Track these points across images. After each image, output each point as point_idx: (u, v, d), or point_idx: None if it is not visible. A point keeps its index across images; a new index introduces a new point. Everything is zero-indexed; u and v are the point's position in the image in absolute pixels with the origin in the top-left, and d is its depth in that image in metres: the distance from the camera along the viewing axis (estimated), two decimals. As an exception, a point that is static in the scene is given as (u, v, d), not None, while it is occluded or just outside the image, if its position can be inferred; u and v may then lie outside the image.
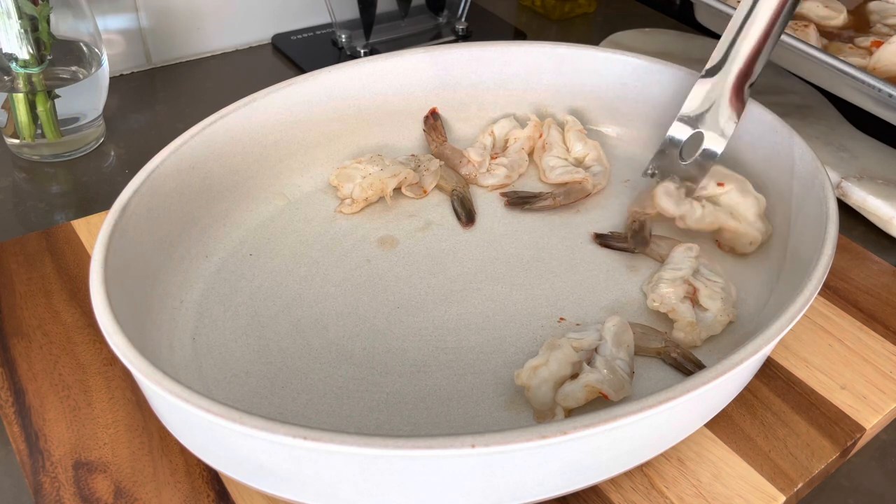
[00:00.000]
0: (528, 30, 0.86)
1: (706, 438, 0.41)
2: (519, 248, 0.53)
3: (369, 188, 0.54)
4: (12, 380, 0.43)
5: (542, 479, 0.34)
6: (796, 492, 0.39)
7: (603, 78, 0.61)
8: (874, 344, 0.47)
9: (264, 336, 0.46)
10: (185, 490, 0.38)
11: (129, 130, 0.67)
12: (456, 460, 0.32)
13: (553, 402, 0.41)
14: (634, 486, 0.39)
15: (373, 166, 0.55)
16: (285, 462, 0.33)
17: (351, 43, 0.78)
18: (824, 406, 0.43)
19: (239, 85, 0.74)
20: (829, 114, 0.67)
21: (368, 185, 0.54)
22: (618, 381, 0.41)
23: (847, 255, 0.54)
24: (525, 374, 0.42)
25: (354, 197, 0.55)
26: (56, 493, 0.38)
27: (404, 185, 0.56)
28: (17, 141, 0.62)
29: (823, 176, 0.47)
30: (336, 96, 0.57)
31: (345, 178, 0.55)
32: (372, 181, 0.54)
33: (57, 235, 0.53)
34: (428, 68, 0.60)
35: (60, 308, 0.48)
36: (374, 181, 0.54)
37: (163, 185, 0.47)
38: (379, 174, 0.55)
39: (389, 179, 0.55)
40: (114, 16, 0.71)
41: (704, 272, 0.49)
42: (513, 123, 0.61)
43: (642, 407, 0.33)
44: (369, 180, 0.54)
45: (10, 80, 0.59)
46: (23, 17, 0.56)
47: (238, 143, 0.53)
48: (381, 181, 0.54)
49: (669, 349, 0.45)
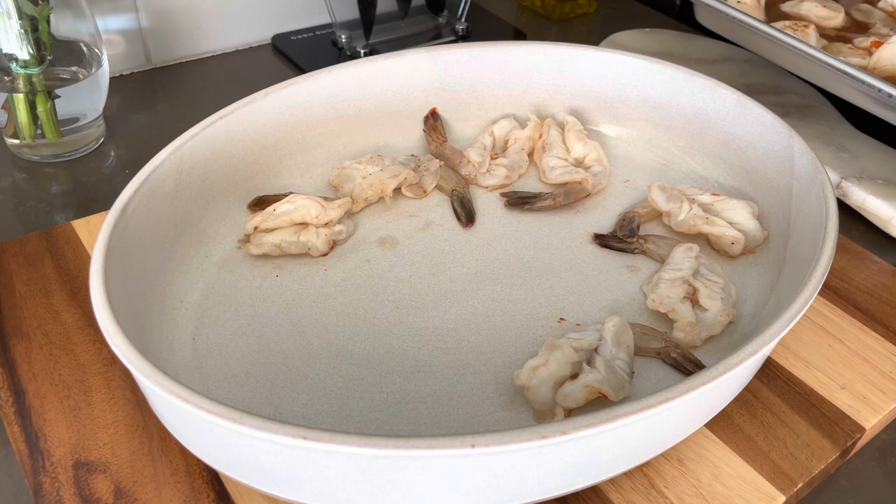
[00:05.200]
0: (528, 30, 0.86)
1: (706, 438, 0.41)
2: (519, 248, 0.53)
3: (369, 188, 0.54)
4: (12, 380, 0.43)
5: (542, 479, 0.34)
6: (796, 492, 0.39)
7: (603, 78, 0.61)
8: (874, 344, 0.47)
9: (264, 336, 0.46)
10: (185, 490, 0.38)
11: (129, 130, 0.67)
12: (456, 460, 0.32)
13: (553, 403, 0.41)
14: (634, 486, 0.39)
15: (373, 166, 0.55)
16: (285, 462, 0.33)
17: (351, 43, 0.78)
18: (824, 406, 0.43)
19: (239, 85, 0.74)
20: (829, 114, 0.67)
21: (368, 186, 0.54)
22: (617, 381, 0.41)
23: (847, 255, 0.54)
24: (525, 375, 0.42)
25: (354, 196, 0.55)
26: (56, 494, 0.38)
27: (404, 185, 0.56)
28: (18, 141, 0.62)
29: (823, 176, 0.47)
30: (336, 96, 0.57)
31: (345, 178, 0.55)
32: (372, 181, 0.54)
33: (57, 235, 0.53)
34: (428, 68, 0.60)
35: (60, 308, 0.48)
36: (374, 181, 0.54)
37: (163, 185, 0.47)
38: (379, 174, 0.55)
39: (389, 180, 0.55)
40: (114, 16, 0.71)
41: (704, 272, 0.49)
42: (513, 124, 0.61)
43: (642, 407, 0.33)
44: (369, 180, 0.54)
45: (10, 80, 0.59)
46: (23, 18, 0.56)
47: (238, 143, 0.53)
48: (381, 181, 0.54)
49: (669, 349, 0.45)
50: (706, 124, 0.57)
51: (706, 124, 0.57)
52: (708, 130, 0.58)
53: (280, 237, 0.51)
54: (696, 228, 0.52)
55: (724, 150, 0.57)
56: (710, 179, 0.58)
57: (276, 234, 0.51)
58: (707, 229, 0.52)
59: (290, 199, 0.52)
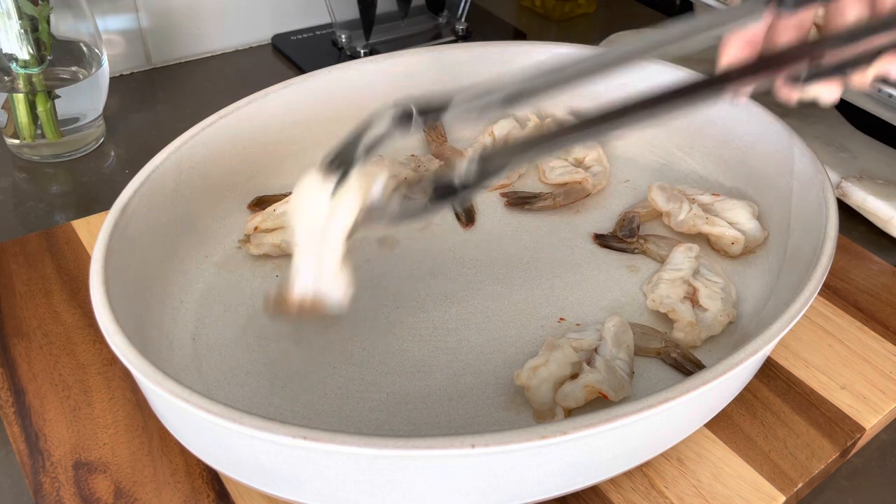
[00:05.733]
0: (528, 30, 0.86)
1: (706, 438, 0.41)
2: (519, 248, 0.53)
3: (369, 188, 0.54)
4: (12, 380, 0.43)
5: (542, 479, 0.34)
6: (796, 492, 0.39)
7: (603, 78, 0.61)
8: (874, 344, 0.47)
9: (264, 336, 0.46)
10: (185, 490, 0.38)
11: (129, 130, 0.67)
12: (456, 460, 0.32)
13: (553, 403, 0.41)
14: (634, 486, 0.39)
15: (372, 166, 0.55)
16: (285, 462, 0.33)
17: (351, 43, 0.78)
18: (824, 406, 0.43)
19: (239, 85, 0.74)
20: (829, 114, 0.67)
21: (368, 186, 0.54)
22: (618, 381, 0.41)
23: (847, 256, 0.54)
24: (525, 375, 0.42)
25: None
26: (56, 494, 0.38)
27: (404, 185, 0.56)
28: (18, 141, 0.62)
29: (823, 176, 0.47)
30: (336, 96, 0.57)
31: (345, 178, 0.55)
32: (372, 181, 0.54)
33: (57, 236, 0.53)
34: (428, 68, 0.60)
35: (60, 308, 0.48)
36: (374, 181, 0.54)
37: (163, 185, 0.47)
38: (379, 174, 0.55)
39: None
40: (114, 16, 0.71)
41: (704, 272, 0.49)
42: (513, 124, 0.61)
43: (642, 407, 0.33)
44: (369, 180, 0.54)
45: (10, 80, 0.59)
46: (23, 18, 0.56)
47: (238, 143, 0.53)
48: (381, 181, 0.54)
49: (669, 349, 0.45)
50: (706, 124, 0.57)
51: (706, 124, 0.57)
52: (708, 130, 0.57)
53: (280, 237, 0.50)
54: (696, 228, 0.52)
55: (724, 150, 0.57)
56: (710, 179, 0.58)
57: (276, 234, 0.51)
58: (707, 229, 0.52)
59: (289, 199, 0.52)
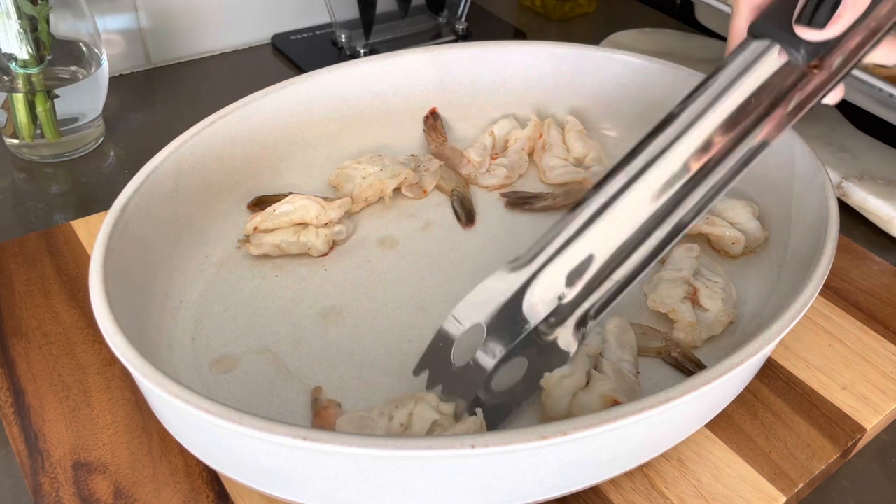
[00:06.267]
0: (528, 30, 0.86)
1: (706, 439, 0.41)
2: (519, 248, 0.53)
3: (369, 188, 0.54)
4: (12, 380, 0.43)
5: (542, 479, 0.34)
6: (797, 492, 0.39)
7: (603, 78, 0.61)
8: (874, 344, 0.47)
9: (264, 336, 0.46)
10: (185, 491, 0.38)
11: (129, 130, 0.67)
12: (456, 460, 0.32)
13: (566, 413, 0.40)
14: (634, 486, 0.39)
15: (373, 166, 0.55)
16: (285, 462, 0.33)
17: (351, 43, 0.78)
18: (825, 406, 0.43)
19: (239, 85, 0.74)
20: (829, 114, 0.67)
21: (368, 186, 0.54)
22: (628, 385, 0.41)
23: (847, 256, 0.54)
24: (553, 383, 0.40)
25: (354, 196, 0.54)
26: (55, 494, 0.38)
27: (404, 185, 0.56)
28: (17, 141, 0.62)
29: (824, 176, 0.47)
30: (336, 96, 0.57)
31: (345, 178, 0.55)
32: (372, 181, 0.54)
33: (56, 236, 0.53)
34: (428, 68, 0.60)
35: (60, 308, 0.48)
36: (374, 181, 0.54)
37: (163, 185, 0.47)
38: (379, 174, 0.55)
39: (389, 180, 0.55)
40: (113, 16, 0.71)
41: (705, 272, 0.48)
42: (513, 124, 0.61)
43: (642, 407, 0.33)
44: (369, 180, 0.54)
45: (9, 80, 0.59)
46: (22, 17, 0.56)
47: (238, 143, 0.53)
48: (381, 181, 0.54)
49: (670, 349, 0.45)
50: (706, 124, 0.57)
51: (706, 124, 0.57)
52: (708, 130, 0.57)
53: (280, 237, 0.50)
54: (697, 228, 0.52)
55: (724, 150, 0.57)
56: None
57: (275, 235, 0.51)
58: (707, 229, 0.52)
59: (289, 200, 0.52)
